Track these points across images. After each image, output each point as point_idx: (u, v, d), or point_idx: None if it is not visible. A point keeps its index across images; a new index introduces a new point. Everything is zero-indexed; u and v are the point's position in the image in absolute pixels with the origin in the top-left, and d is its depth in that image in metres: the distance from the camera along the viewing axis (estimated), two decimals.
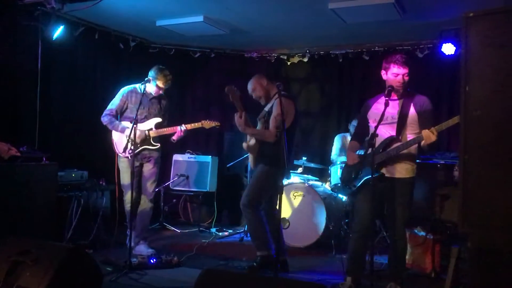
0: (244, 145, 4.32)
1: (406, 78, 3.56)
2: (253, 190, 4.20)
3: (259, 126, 4.32)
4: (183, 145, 6.56)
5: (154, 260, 4.29)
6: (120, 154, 4.87)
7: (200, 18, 5.45)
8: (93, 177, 5.15)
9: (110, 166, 5.24)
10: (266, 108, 4.30)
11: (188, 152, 6.65)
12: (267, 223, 4.18)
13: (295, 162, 5.65)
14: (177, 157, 6.59)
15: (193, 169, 6.51)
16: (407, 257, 4.05)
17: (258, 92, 4.36)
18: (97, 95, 6.02)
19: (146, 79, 4.70)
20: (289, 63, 7.03)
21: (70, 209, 4.71)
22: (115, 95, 4.99)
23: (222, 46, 6.95)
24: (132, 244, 4.67)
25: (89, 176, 5.13)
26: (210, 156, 6.53)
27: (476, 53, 1.87)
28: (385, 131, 3.61)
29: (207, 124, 4.92)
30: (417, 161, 3.72)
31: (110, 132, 4.95)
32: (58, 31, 5.10)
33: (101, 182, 5.16)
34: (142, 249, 4.83)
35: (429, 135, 3.31)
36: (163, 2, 5.02)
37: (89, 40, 5.87)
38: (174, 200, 6.70)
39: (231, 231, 6.26)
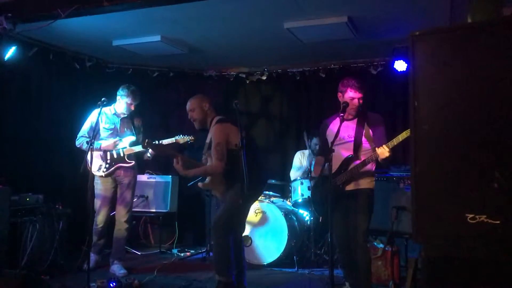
0: (200, 184, 4.07)
1: (361, 102, 3.79)
2: (226, 214, 3.93)
3: (209, 162, 4.02)
4: (142, 165, 6.47)
5: (114, 284, 4.18)
6: (95, 174, 4.88)
7: (157, 38, 5.45)
8: (49, 201, 4.99)
9: (67, 188, 5.13)
10: (207, 140, 4.03)
11: (147, 173, 6.56)
12: (233, 249, 3.96)
13: None
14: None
15: (153, 189, 6.42)
16: None
17: (196, 114, 4.08)
18: (52, 116, 5.88)
19: (116, 99, 4.69)
20: (248, 81, 7.09)
21: (24, 235, 4.56)
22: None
23: (181, 65, 6.95)
24: (90, 264, 4.59)
25: (45, 200, 4.97)
26: (170, 176, 6.45)
27: (423, 70, 1.95)
28: (344, 150, 3.79)
29: (182, 139, 4.93)
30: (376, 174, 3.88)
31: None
32: (10, 52, 4.95)
33: (57, 206, 5.02)
34: (115, 269, 4.90)
35: (383, 152, 3.57)
36: (119, 22, 4.99)
37: (43, 61, 5.75)
38: (134, 222, 6.55)
39: (193, 251, 6.19)
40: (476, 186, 1.76)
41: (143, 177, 6.49)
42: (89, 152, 4.33)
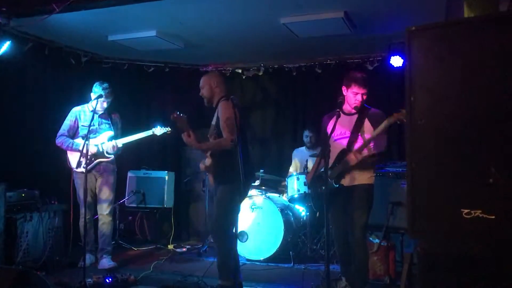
0: (201, 166, 4.04)
1: (365, 97, 3.76)
2: (221, 216, 3.88)
3: None
4: (138, 161, 6.46)
5: (110, 279, 4.18)
6: (75, 170, 4.93)
7: (153, 33, 5.42)
8: (45, 197, 4.98)
9: (63, 184, 5.13)
10: (213, 122, 4.01)
11: (143, 168, 6.54)
12: (235, 253, 3.92)
13: None
14: (132, 173, 6.47)
15: (149, 185, 6.41)
16: None
17: (205, 92, 4.08)
18: (48, 112, 5.85)
19: (95, 97, 4.77)
20: (244, 76, 7.07)
21: (20, 230, 4.55)
22: (66, 112, 5.04)
23: (177, 60, 6.92)
24: (88, 261, 4.65)
25: (41, 196, 4.95)
26: (166, 172, 6.44)
27: (419, 65, 1.95)
28: (341, 145, 3.77)
29: (158, 130, 5.08)
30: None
31: (62, 150, 4.98)
32: (5, 47, 4.91)
33: (53, 202, 5.01)
34: (104, 263, 4.90)
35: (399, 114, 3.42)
36: (114, 17, 4.95)
37: (38, 56, 5.70)
38: (130, 218, 6.54)
39: (189, 246, 6.19)
40: (472, 181, 1.77)
41: (138, 173, 6.48)
42: (83, 149, 4.32)
